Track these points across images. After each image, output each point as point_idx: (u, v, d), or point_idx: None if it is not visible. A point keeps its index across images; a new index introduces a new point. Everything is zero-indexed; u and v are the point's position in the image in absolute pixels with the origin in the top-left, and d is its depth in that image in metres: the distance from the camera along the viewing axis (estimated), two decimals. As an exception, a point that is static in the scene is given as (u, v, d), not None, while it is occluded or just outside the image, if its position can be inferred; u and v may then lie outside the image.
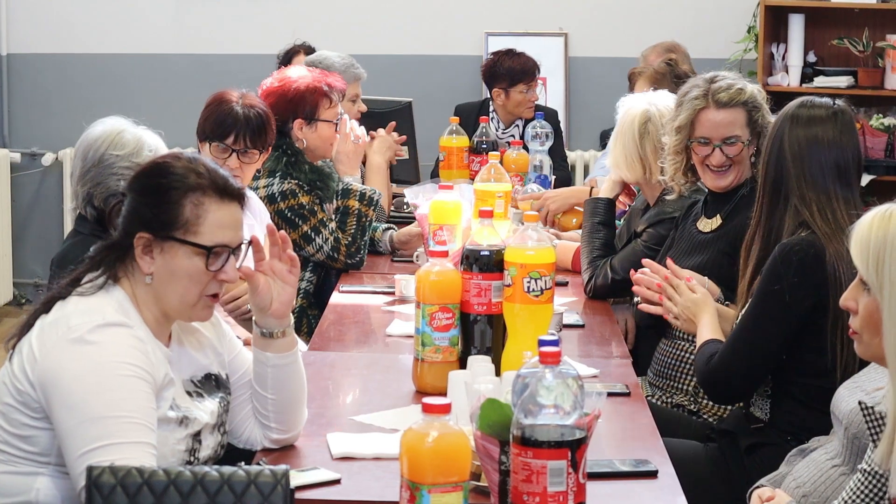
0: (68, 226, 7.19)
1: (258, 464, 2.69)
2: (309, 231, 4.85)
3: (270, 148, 4.39)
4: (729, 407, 3.81)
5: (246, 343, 3.29)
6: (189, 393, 2.92)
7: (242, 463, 2.45)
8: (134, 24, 7.88)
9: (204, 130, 4.29)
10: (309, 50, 6.74)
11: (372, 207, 4.97)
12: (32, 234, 8.02)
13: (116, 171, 3.64)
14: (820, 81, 7.27)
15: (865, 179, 7.11)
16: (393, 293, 4.49)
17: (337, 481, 2.82)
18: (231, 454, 3.08)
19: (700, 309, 3.65)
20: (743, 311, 3.51)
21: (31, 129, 7.94)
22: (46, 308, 2.82)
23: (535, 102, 6.96)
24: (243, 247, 2.90)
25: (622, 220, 4.87)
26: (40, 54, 7.92)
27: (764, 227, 3.54)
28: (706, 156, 4.04)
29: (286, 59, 6.67)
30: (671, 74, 5.55)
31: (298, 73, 4.99)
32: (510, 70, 6.96)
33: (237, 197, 2.89)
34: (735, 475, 3.46)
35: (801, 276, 3.37)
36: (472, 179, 5.27)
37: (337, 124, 4.95)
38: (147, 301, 2.85)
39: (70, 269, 2.90)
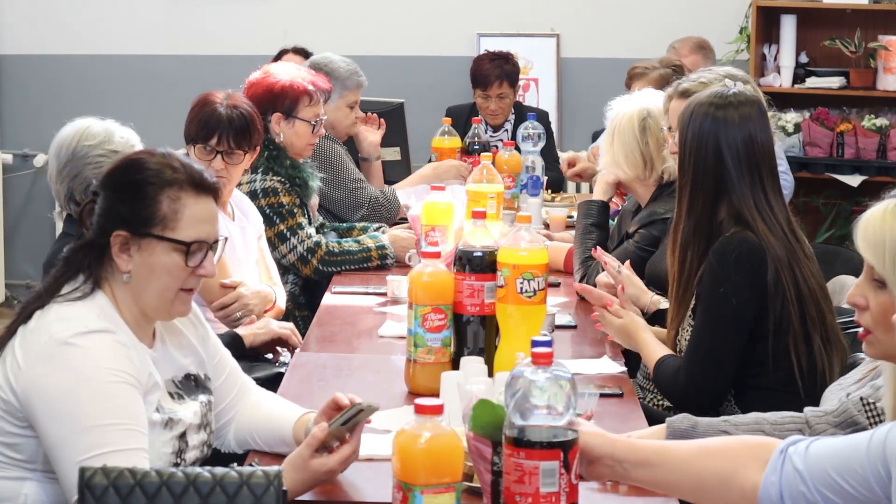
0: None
1: (251, 465, 2.69)
2: (285, 230, 4.84)
3: (258, 148, 4.37)
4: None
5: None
6: (171, 394, 2.90)
7: (235, 464, 2.45)
8: (126, 25, 7.87)
9: (189, 132, 4.27)
10: (299, 51, 6.73)
11: (379, 259, 4.96)
12: (24, 235, 8.01)
13: (91, 160, 3.65)
14: (812, 82, 7.27)
15: (857, 180, 7.11)
16: (385, 294, 4.49)
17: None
18: (223, 455, 3.08)
19: (633, 330, 3.75)
20: (695, 321, 3.53)
21: (23, 130, 7.93)
22: (27, 316, 2.77)
23: (506, 110, 6.91)
24: (220, 241, 2.88)
25: (614, 221, 4.87)
26: (32, 55, 7.91)
27: (696, 222, 3.54)
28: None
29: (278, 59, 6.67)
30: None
31: (284, 68, 4.99)
32: (471, 74, 6.96)
33: (213, 191, 2.86)
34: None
35: (741, 273, 3.44)
36: (465, 180, 5.27)
37: (315, 126, 4.90)
38: (126, 301, 2.82)
39: (49, 273, 2.87)
